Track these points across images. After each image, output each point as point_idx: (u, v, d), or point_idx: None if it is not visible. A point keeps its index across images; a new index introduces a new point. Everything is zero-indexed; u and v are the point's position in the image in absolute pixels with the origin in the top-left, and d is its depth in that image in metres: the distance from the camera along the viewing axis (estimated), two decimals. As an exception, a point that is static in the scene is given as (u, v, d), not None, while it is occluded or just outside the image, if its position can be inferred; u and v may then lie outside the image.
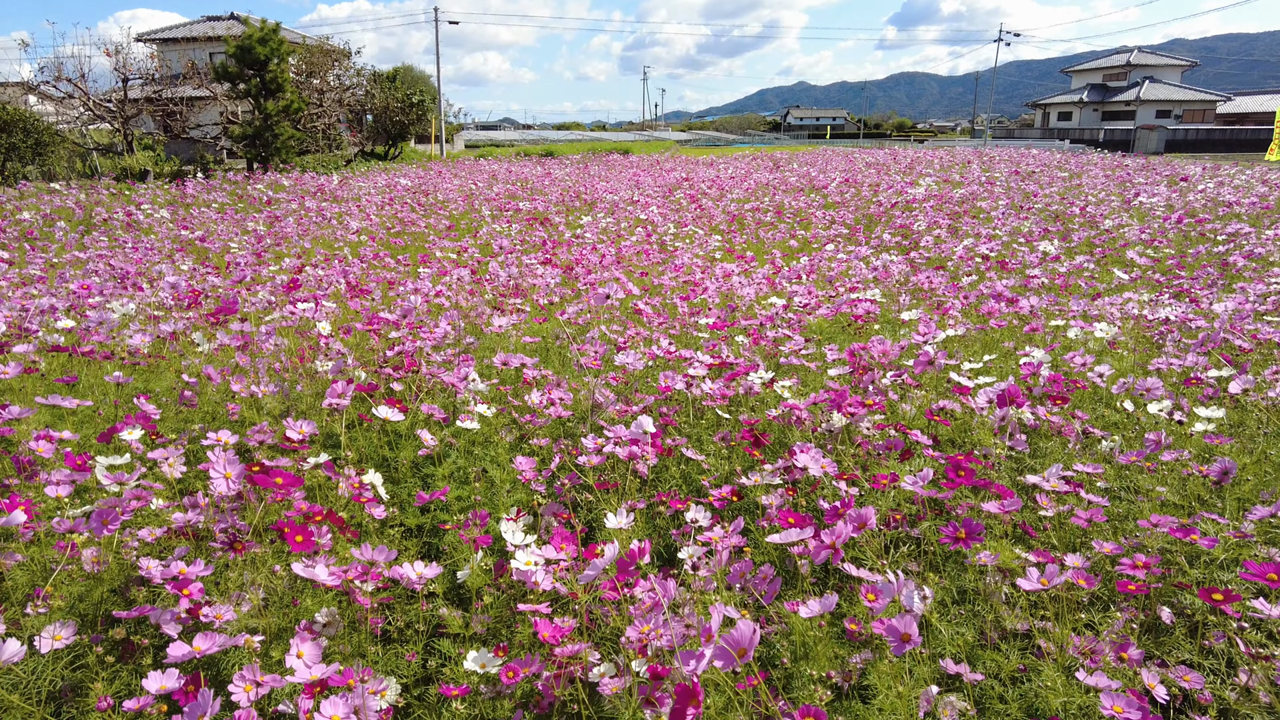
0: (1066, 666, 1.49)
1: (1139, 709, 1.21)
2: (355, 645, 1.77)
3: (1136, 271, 5.60)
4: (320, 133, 24.63)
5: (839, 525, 1.45)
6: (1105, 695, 1.25)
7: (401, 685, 1.66)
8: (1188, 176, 12.84)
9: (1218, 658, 1.66)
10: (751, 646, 1.10)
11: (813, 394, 2.43)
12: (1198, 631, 1.75)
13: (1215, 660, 1.66)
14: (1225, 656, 1.63)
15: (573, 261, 6.60)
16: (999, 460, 2.23)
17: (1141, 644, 1.76)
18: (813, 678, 1.44)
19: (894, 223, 8.82)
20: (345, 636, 1.89)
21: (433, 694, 1.62)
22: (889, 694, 1.39)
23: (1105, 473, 2.34)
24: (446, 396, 3.10)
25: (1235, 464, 2.18)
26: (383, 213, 11.17)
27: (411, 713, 1.61)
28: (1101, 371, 2.66)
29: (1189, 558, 1.85)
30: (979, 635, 1.71)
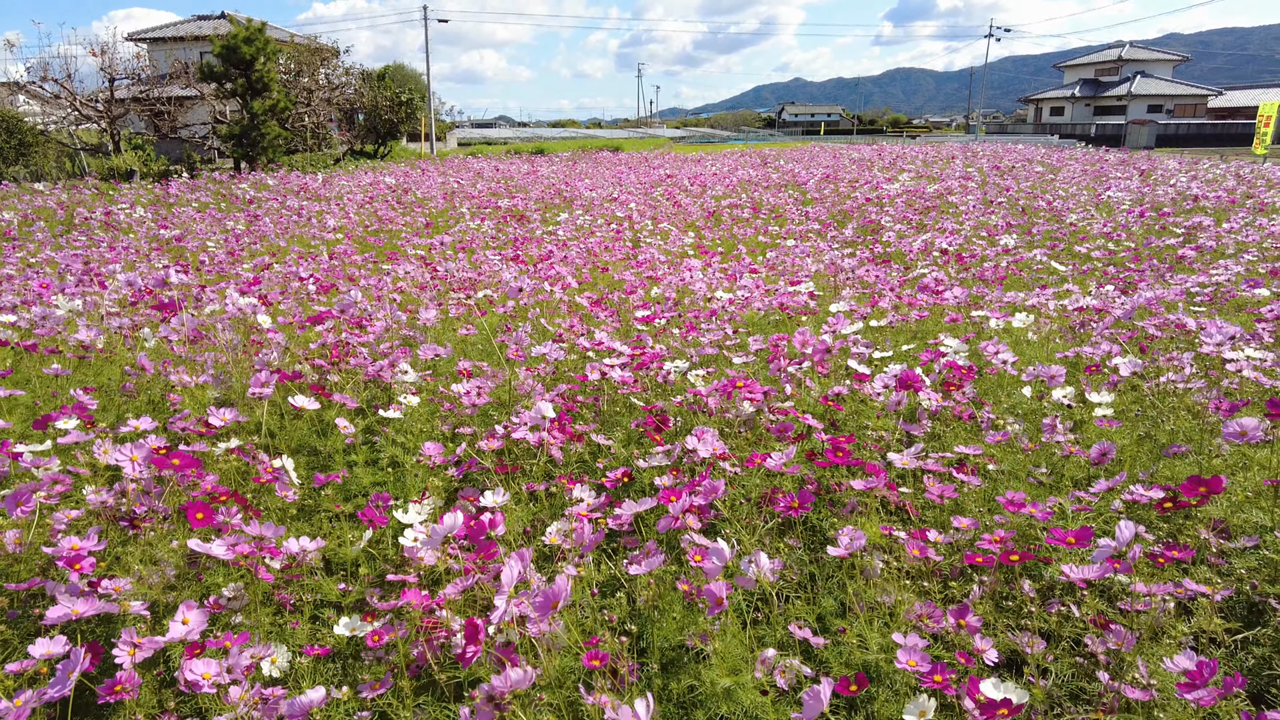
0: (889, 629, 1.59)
1: (928, 661, 1.31)
2: (256, 616, 1.87)
3: (1076, 263, 5.71)
4: (309, 131, 24.69)
5: (682, 498, 1.55)
6: (901, 651, 1.35)
7: (293, 651, 1.76)
8: (1148, 170, 12.96)
9: (1060, 621, 1.76)
10: (564, 598, 1.20)
11: (717, 381, 2.53)
12: (1050, 596, 1.86)
13: (1053, 623, 1.77)
14: (1063, 619, 1.73)
15: (539, 258, 6.69)
16: (889, 442, 2.33)
17: (998, 612, 1.86)
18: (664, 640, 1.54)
19: (865, 218, 8.92)
20: (251, 609, 1.99)
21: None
22: (728, 656, 1.49)
23: (997, 455, 2.44)
24: (383, 388, 3.20)
25: (1114, 445, 2.29)
26: (362, 211, 11.24)
27: (300, 673, 1.71)
28: (1006, 359, 2.76)
29: (1043, 530, 1.95)
30: (839, 605, 1.82)
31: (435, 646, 1.58)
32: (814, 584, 1.88)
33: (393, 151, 29.99)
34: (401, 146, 32.31)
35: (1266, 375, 2.93)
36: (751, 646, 1.58)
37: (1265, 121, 22.39)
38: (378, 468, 2.52)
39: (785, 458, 1.85)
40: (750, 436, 2.43)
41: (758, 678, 1.50)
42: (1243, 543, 1.94)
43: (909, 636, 1.43)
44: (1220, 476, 1.64)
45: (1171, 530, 2.07)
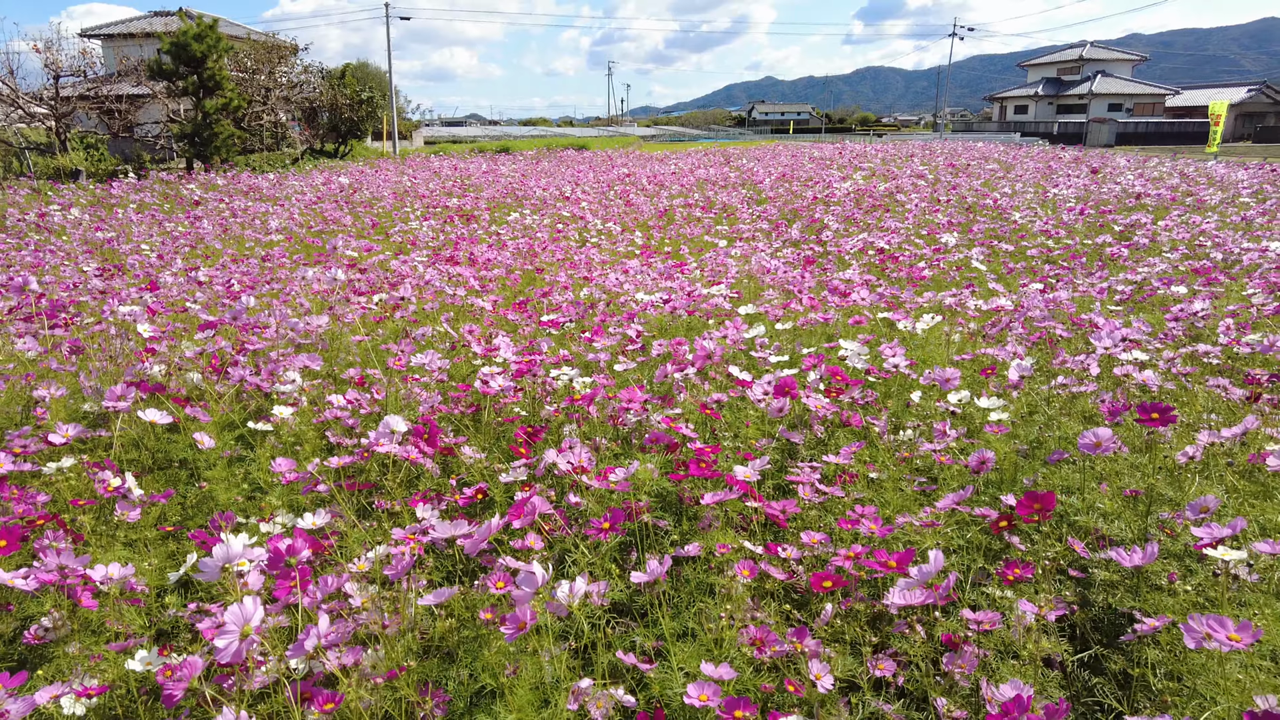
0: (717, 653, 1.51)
1: (722, 697, 1.23)
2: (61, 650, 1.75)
3: (1008, 261, 5.70)
4: (266, 130, 24.24)
5: (491, 521, 1.45)
6: (692, 686, 1.27)
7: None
8: (1099, 168, 13.10)
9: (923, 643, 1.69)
10: (309, 643, 1.09)
11: (592, 389, 2.44)
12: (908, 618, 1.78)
13: (917, 644, 1.70)
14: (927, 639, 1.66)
15: (473, 260, 6.56)
16: (762, 450, 2.25)
17: (865, 631, 1.79)
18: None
19: (811, 217, 8.89)
20: (75, 636, 1.87)
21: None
22: (520, 691, 1.40)
23: (877, 461, 2.37)
24: (268, 398, 3.07)
25: (993, 454, 2.23)
26: (308, 212, 11.02)
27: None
28: (899, 363, 2.70)
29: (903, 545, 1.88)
30: (684, 626, 1.73)
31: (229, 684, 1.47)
32: (660, 606, 1.79)
33: (354, 151, 29.57)
34: (365, 146, 31.88)
35: (1166, 378, 2.90)
36: (572, 677, 1.49)
37: (1215, 120, 22.81)
38: (231, 484, 2.39)
39: (627, 472, 1.77)
40: (632, 446, 2.34)
41: (571, 709, 1.41)
42: (1115, 554, 1.89)
43: (720, 667, 1.34)
44: (1052, 494, 1.58)
45: (1037, 541, 2.02)
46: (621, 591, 1.71)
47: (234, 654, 1.05)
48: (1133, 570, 1.75)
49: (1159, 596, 1.63)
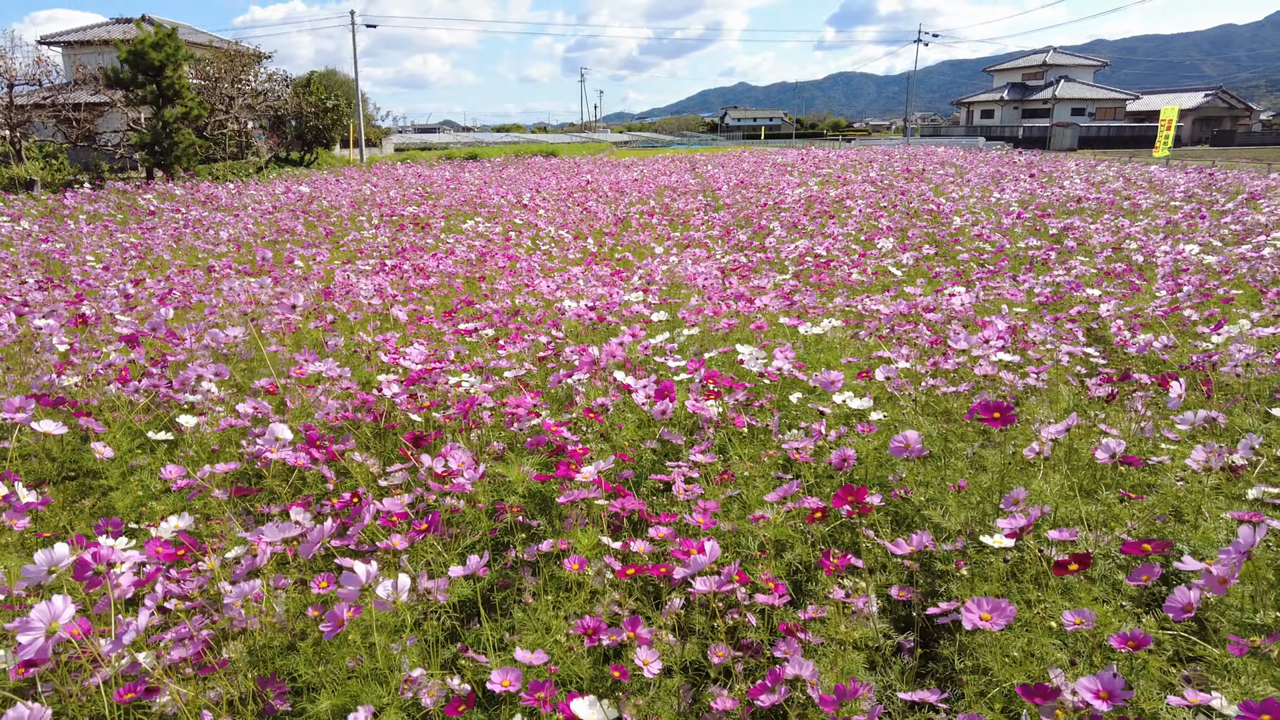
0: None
1: (524, 682, 1.32)
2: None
3: (929, 265, 5.87)
4: (229, 139, 24.05)
5: (325, 524, 1.53)
6: (496, 672, 1.37)
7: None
8: (1050, 171, 13.42)
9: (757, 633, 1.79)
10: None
11: (472, 397, 2.53)
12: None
13: (758, 634, 1.80)
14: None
15: (421, 268, 6.61)
16: (643, 453, 2.35)
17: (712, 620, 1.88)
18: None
19: (759, 224, 9.04)
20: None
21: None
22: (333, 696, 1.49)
23: (751, 460, 2.48)
24: (181, 408, 3.12)
25: (854, 452, 2.35)
26: (263, 222, 10.99)
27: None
28: (781, 367, 2.81)
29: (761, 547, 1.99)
30: (535, 619, 1.82)
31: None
32: (517, 599, 1.88)
33: (320, 159, 29.39)
34: (333, 154, 31.69)
35: (1034, 376, 3.04)
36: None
37: (1166, 125, 23.35)
38: (126, 491, 2.45)
39: (475, 474, 1.85)
40: (517, 450, 2.43)
41: (405, 697, 1.50)
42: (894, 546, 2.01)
43: (535, 654, 1.44)
44: (864, 489, 1.69)
45: (882, 534, 2.13)
46: (473, 587, 1.80)
47: (38, 651, 1.12)
48: (919, 554, 1.87)
49: (957, 584, 1.75)
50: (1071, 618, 1.41)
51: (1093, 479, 2.33)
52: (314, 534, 1.52)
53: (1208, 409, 2.99)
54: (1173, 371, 3.32)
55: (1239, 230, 6.88)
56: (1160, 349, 3.20)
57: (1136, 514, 2.13)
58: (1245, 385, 3.21)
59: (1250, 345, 3.28)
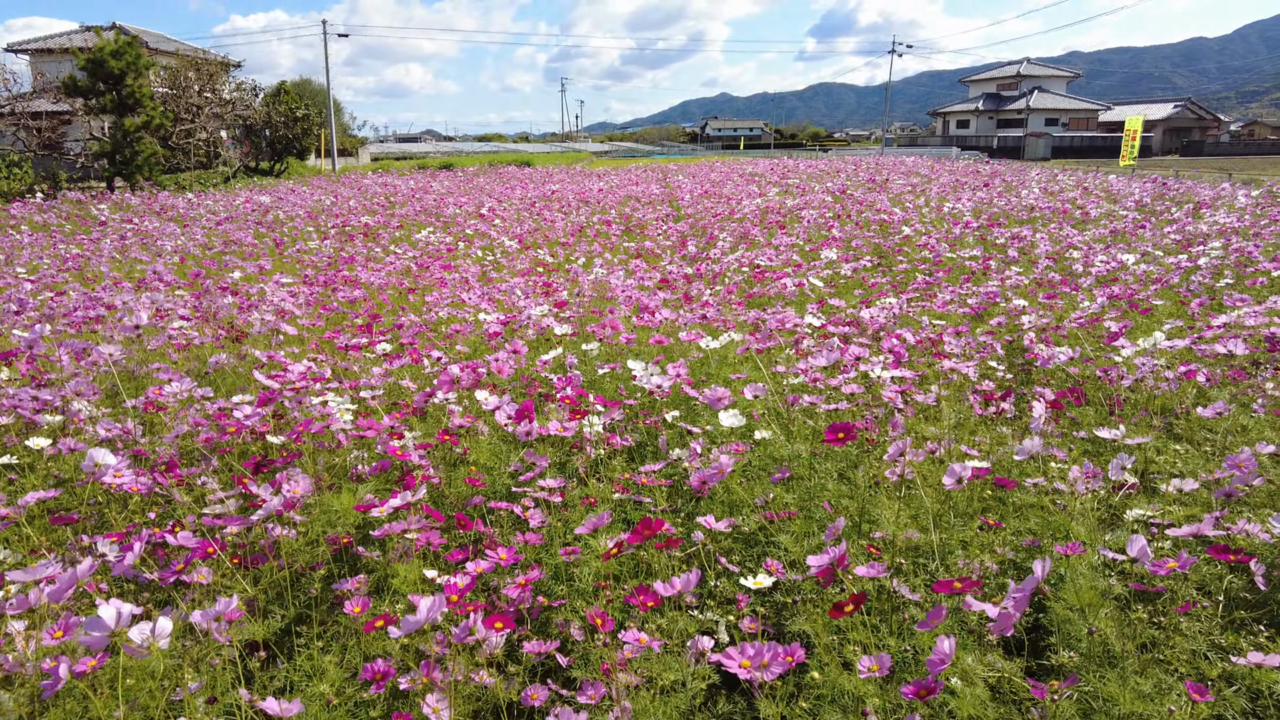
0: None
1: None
2: None
3: (865, 275, 5.82)
4: (194, 148, 23.76)
5: (79, 568, 1.40)
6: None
7: None
8: (1010, 181, 13.48)
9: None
10: None
11: (306, 420, 2.40)
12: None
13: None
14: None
15: (353, 280, 6.48)
16: (506, 473, 2.23)
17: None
18: None
19: (711, 234, 8.97)
20: None
21: None
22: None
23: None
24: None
25: (713, 473, 2.24)
26: (213, 233, 10.80)
27: None
28: (659, 384, 2.70)
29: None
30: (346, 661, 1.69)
31: None
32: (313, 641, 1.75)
33: (290, 168, 29.12)
34: (306, 163, 31.43)
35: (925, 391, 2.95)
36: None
37: (1132, 135, 23.63)
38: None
39: (270, 506, 1.73)
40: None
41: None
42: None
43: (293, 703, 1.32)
44: (661, 521, 1.58)
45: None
46: (269, 624, 1.67)
47: None
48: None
49: (805, 616, 1.65)
50: (869, 662, 1.30)
51: (968, 503, 2.24)
52: (64, 580, 1.39)
53: (1112, 426, 2.92)
54: (1077, 385, 3.25)
55: (1178, 240, 6.89)
56: (1064, 362, 3.13)
57: (1002, 541, 2.04)
58: (1149, 399, 3.14)
59: (1156, 359, 3.21)
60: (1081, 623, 1.69)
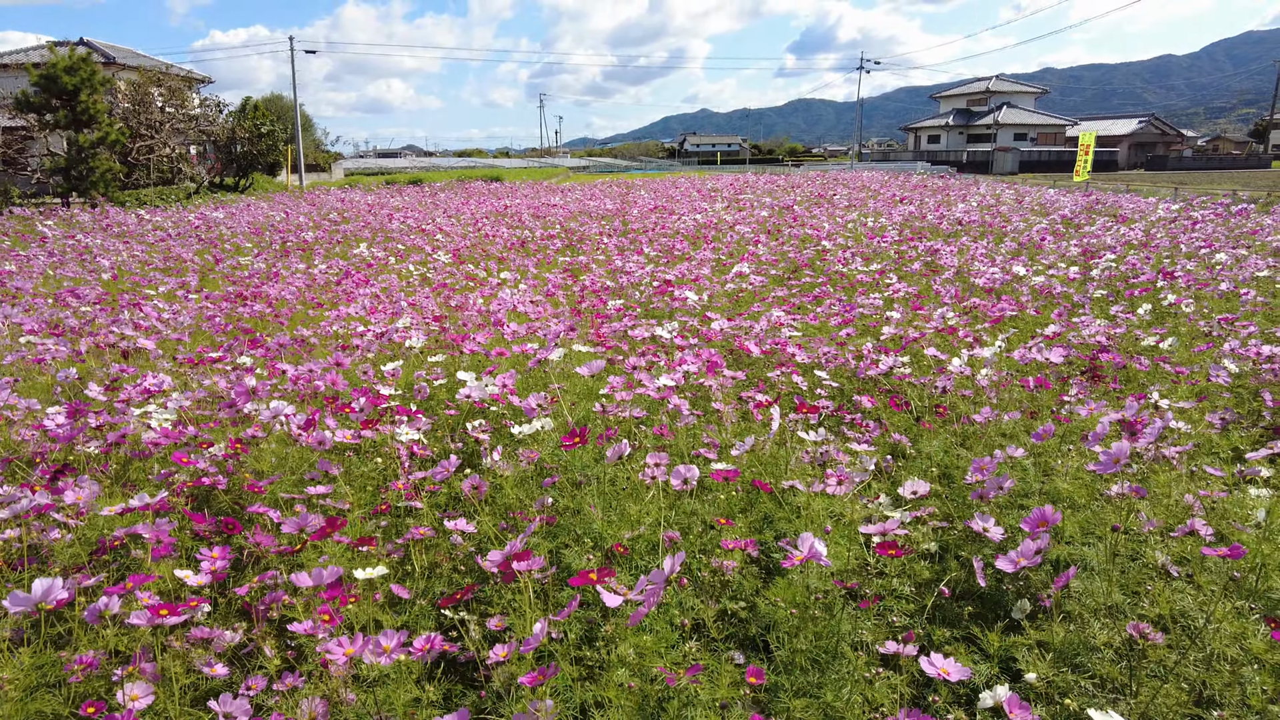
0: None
1: None
2: None
3: (747, 289, 5.96)
4: (154, 165, 23.67)
5: None
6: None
7: None
8: (957, 194, 13.74)
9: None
10: None
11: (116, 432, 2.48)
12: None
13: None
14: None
15: (267, 296, 6.53)
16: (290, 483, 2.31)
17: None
18: None
19: (639, 249, 9.11)
20: None
21: None
22: None
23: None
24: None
25: (486, 484, 2.34)
26: (155, 249, 10.82)
27: None
28: (475, 394, 2.80)
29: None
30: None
31: None
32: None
33: (255, 184, 29.06)
34: (267, 179, 31.36)
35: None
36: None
37: (1085, 150, 24.14)
38: None
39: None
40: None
41: None
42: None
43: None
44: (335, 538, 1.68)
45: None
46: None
47: None
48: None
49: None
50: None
51: (726, 505, 2.34)
52: None
53: (913, 433, 3.05)
54: (900, 393, 3.38)
55: (1080, 252, 7.09)
56: (884, 371, 3.25)
57: (738, 535, 2.14)
58: (975, 408, 3.27)
59: (981, 369, 3.35)
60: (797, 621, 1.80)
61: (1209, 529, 2.11)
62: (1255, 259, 6.10)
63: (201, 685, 1.75)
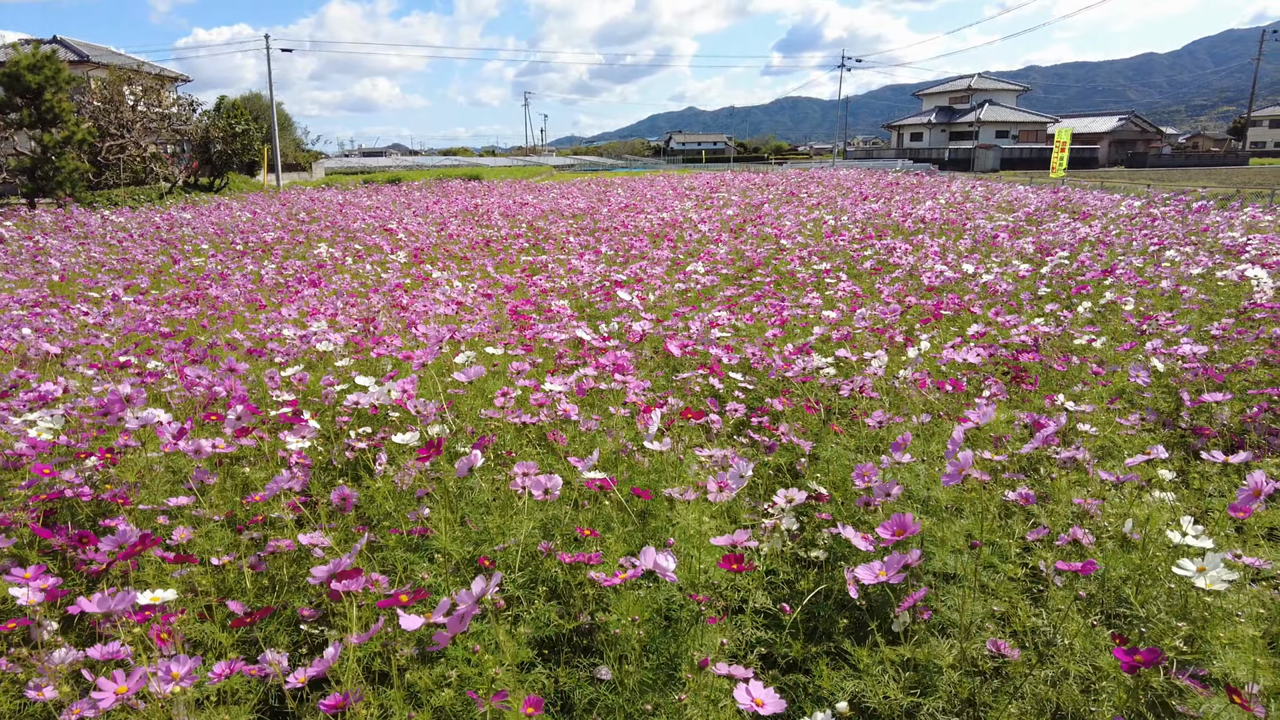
0: None
1: None
2: None
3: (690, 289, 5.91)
4: (125, 164, 23.37)
5: None
6: None
7: None
8: (925, 192, 13.73)
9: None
10: None
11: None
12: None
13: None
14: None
15: (211, 298, 6.43)
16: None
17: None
18: None
19: (596, 249, 9.04)
20: None
21: None
22: None
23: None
24: None
25: (353, 493, 2.26)
26: (113, 250, 10.66)
27: None
28: (360, 400, 2.72)
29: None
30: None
31: None
32: None
33: (230, 184, 28.77)
34: (243, 179, 31.04)
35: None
36: None
37: (1061, 147, 24.24)
38: None
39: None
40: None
41: None
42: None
43: None
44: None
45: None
46: None
47: None
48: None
49: None
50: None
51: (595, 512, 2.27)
52: None
53: (814, 436, 2.99)
54: (811, 396, 3.32)
55: (1032, 250, 7.07)
56: (797, 373, 3.19)
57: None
58: (897, 410, 3.21)
59: (899, 370, 3.29)
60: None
61: (1090, 538, 2.06)
62: (1203, 256, 6.09)
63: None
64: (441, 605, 1.35)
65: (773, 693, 1.31)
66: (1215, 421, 3.27)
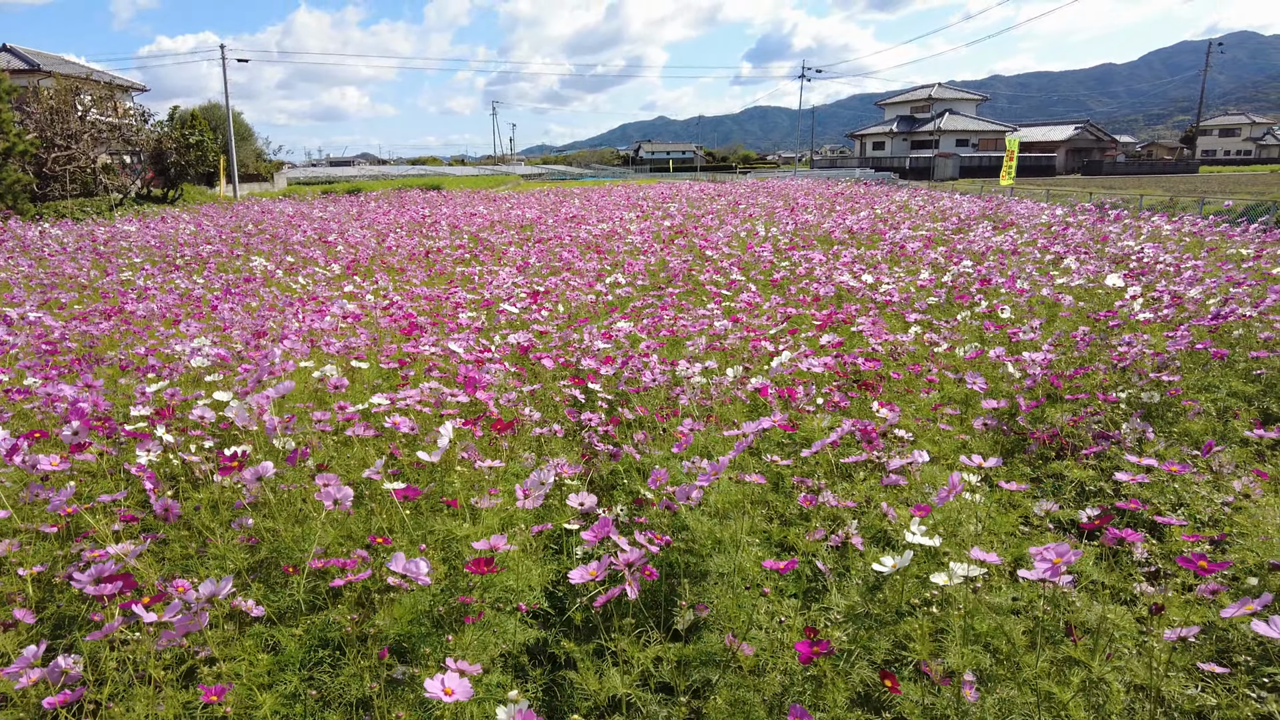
0: None
1: None
2: None
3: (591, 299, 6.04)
4: (82, 174, 23.04)
5: None
6: None
7: None
8: (866, 201, 14.00)
9: None
10: None
11: None
12: None
13: None
14: None
15: (128, 311, 6.43)
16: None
17: None
18: None
19: (526, 259, 9.16)
20: None
21: None
22: None
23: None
24: None
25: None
26: (44, 263, 10.55)
27: None
28: (202, 415, 2.81)
29: None
30: None
31: None
32: None
33: (185, 195, 28.44)
34: (198, 189, 30.69)
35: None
36: None
37: (1010, 156, 24.78)
38: None
39: None
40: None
41: None
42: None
43: None
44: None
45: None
46: None
47: None
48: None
49: None
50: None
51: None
52: None
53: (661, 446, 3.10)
54: (668, 404, 3.46)
55: (942, 259, 7.30)
56: (649, 382, 3.33)
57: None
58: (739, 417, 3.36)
59: (748, 379, 3.44)
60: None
61: (860, 539, 2.21)
62: (1092, 264, 6.35)
63: None
64: (173, 605, 1.46)
65: (464, 681, 1.43)
66: (1049, 426, 3.46)
